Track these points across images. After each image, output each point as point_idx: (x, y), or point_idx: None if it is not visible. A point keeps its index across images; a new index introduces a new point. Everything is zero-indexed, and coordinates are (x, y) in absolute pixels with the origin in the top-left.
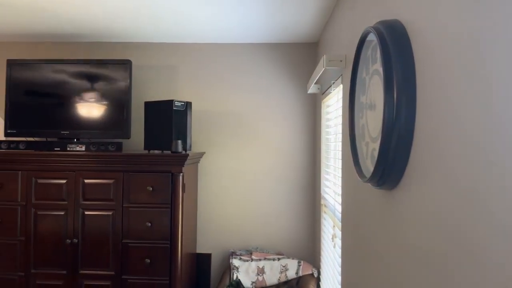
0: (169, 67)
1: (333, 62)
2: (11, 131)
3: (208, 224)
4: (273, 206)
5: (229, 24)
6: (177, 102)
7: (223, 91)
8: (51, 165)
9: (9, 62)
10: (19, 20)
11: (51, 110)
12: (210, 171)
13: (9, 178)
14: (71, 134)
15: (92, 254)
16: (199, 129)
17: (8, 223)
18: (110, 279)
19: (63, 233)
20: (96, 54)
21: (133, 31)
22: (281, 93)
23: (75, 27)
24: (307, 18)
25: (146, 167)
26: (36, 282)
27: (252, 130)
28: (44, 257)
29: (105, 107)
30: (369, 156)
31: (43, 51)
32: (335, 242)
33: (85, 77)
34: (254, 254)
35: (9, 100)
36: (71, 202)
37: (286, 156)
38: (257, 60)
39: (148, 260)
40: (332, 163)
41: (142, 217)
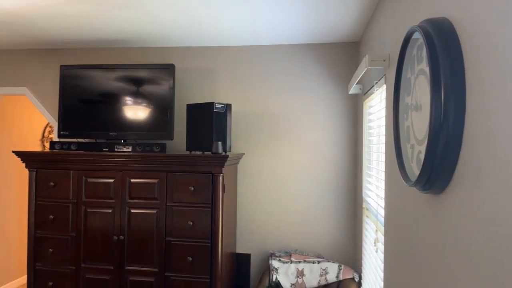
0: (210, 70)
1: (376, 62)
2: (64, 133)
3: (247, 225)
4: (313, 208)
5: (269, 26)
6: (218, 104)
7: (262, 93)
8: (100, 165)
9: (62, 68)
10: (71, 28)
11: (100, 113)
12: (249, 172)
13: (62, 177)
14: (119, 136)
15: (137, 251)
16: (239, 130)
17: (60, 219)
18: (154, 275)
19: (110, 230)
20: (141, 59)
21: (176, 36)
22: (321, 94)
23: (123, 34)
24: (348, 17)
25: (188, 168)
26: (86, 276)
27: (292, 131)
28: (93, 252)
29: (150, 110)
30: (415, 159)
31: (93, 57)
32: (377, 247)
33: (131, 81)
34: (293, 256)
35: (62, 104)
36: (118, 201)
37: (326, 157)
38: (296, 61)
39: (190, 258)
40: (374, 166)
41: (184, 216)
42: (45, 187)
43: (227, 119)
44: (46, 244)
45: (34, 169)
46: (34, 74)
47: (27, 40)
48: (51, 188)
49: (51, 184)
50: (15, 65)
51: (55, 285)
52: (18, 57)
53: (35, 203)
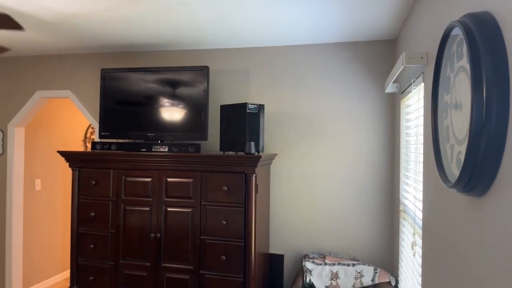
0: (243, 71)
1: (413, 60)
2: (104, 134)
3: (280, 225)
4: (347, 210)
5: (304, 26)
6: (250, 105)
7: (295, 93)
8: (138, 165)
9: (102, 71)
10: (111, 33)
11: (138, 114)
12: (282, 172)
13: (102, 176)
14: (156, 136)
15: (173, 248)
16: (272, 130)
17: (101, 216)
18: (189, 273)
19: (147, 227)
20: (177, 61)
21: (211, 39)
22: (356, 93)
23: (160, 37)
24: (385, 15)
25: (221, 168)
26: (124, 271)
27: (325, 131)
28: (131, 249)
29: (185, 111)
30: (455, 159)
31: (131, 61)
32: (415, 251)
33: (167, 83)
34: (327, 258)
35: (103, 106)
36: (155, 199)
37: (361, 158)
38: (330, 60)
39: (223, 257)
40: (412, 167)
41: (218, 215)
42: (87, 186)
43: (260, 119)
44: (87, 240)
45: (77, 168)
46: (77, 78)
47: (71, 45)
48: (92, 187)
49: (92, 183)
50: (60, 70)
51: (96, 279)
52: (63, 62)
53: (77, 201)
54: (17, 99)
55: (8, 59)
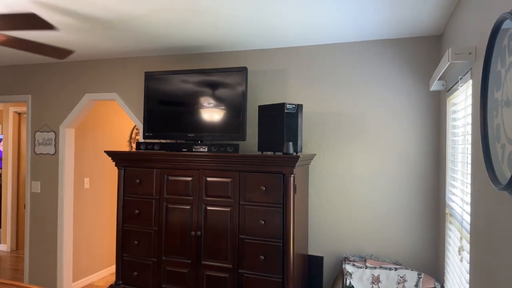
0: (281, 71)
1: (460, 55)
2: (148, 134)
3: (319, 227)
4: (389, 212)
5: (343, 24)
6: (288, 105)
7: (335, 92)
8: (180, 164)
9: (146, 74)
10: (154, 37)
11: (180, 115)
12: (321, 173)
13: (146, 175)
14: (196, 137)
15: (213, 246)
16: (310, 131)
17: (145, 214)
18: (228, 271)
19: (188, 225)
20: (217, 63)
21: (249, 40)
22: (398, 91)
23: (201, 40)
24: (429, 10)
25: (259, 168)
26: (166, 268)
27: (366, 131)
28: (173, 246)
29: (224, 112)
30: (506, 160)
31: (173, 63)
32: (462, 256)
33: (207, 85)
34: (368, 262)
35: (147, 107)
36: (196, 198)
37: (404, 158)
38: (371, 58)
39: (262, 257)
40: (459, 168)
41: (256, 215)
42: (131, 184)
43: (298, 119)
44: (132, 237)
45: (122, 168)
46: (122, 81)
47: (117, 49)
48: (137, 185)
49: (137, 181)
50: (106, 73)
51: (139, 275)
52: (109, 66)
53: (123, 199)
54: (67, 102)
55: (59, 64)
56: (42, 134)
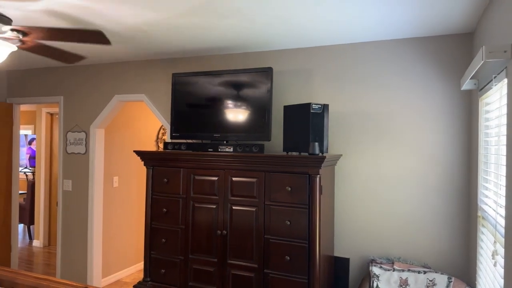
0: (307, 71)
1: (495, 54)
2: (175, 134)
3: (345, 228)
4: (418, 214)
5: (369, 22)
6: (314, 105)
7: (361, 92)
8: (206, 164)
9: (173, 76)
10: (181, 39)
11: (206, 116)
12: (347, 173)
13: (173, 174)
14: (222, 137)
15: (238, 246)
16: (336, 131)
17: (172, 213)
18: (254, 271)
19: (214, 224)
20: (242, 64)
21: (274, 40)
22: (428, 91)
23: (226, 41)
24: (461, 7)
25: (284, 168)
26: (193, 266)
27: (394, 131)
28: (199, 244)
29: (249, 112)
30: None
31: (200, 64)
32: (496, 260)
33: (232, 85)
34: (396, 264)
35: (174, 108)
36: (221, 197)
37: (433, 160)
38: (398, 57)
39: (287, 257)
40: (493, 170)
41: (281, 215)
42: (159, 183)
43: (324, 119)
44: (159, 235)
45: (150, 167)
46: (150, 82)
47: (144, 52)
48: (164, 184)
49: (164, 181)
50: (135, 75)
51: (167, 273)
52: (138, 67)
53: (151, 197)
54: (98, 103)
55: (89, 66)
56: (73, 134)
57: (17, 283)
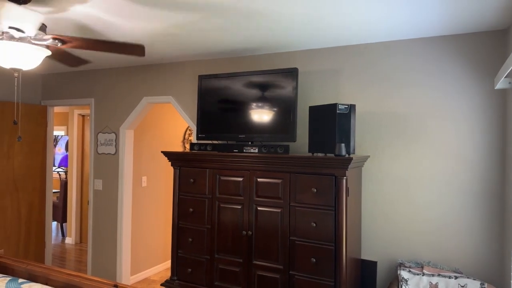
0: (333, 71)
1: None
2: (201, 135)
3: (373, 231)
4: (449, 217)
5: (399, 20)
6: (341, 106)
7: (389, 91)
8: (231, 165)
9: (200, 77)
10: (207, 41)
11: (231, 117)
12: (375, 175)
13: (199, 175)
14: (246, 138)
15: (263, 247)
16: (364, 132)
17: (198, 212)
18: (279, 272)
19: (239, 225)
20: (267, 65)
21: (299, 40)
22: (459, 90)
23: (251, 42)
24: (494, 2)
25: (310, 169)
26: (219, 266)
27: (424, 132)
28: (225, 244)
29: (274, 113)
30: None
31: (225, 66)
32: None
33: (257, 87)
34: (425, 268)
35: (200, 110)
36: (246, 198)
37: (465, 161)
38: (428, 56)
39: (313, 260)
40: None
41: (307, 217)
42: (186, 183)
43: (351, 120)
44: (186, 234)
45: (177, 167)
46: (177, 84)
47: (171, 55)
48: (191, 184)
49: (191, 181)
50: (163, 77)
51: (193, 272)
52: (165, 70)
53: (178, 197)
54: (127, 105)
55: (119, 69)
56: (104, 135)
57: (50, 279)
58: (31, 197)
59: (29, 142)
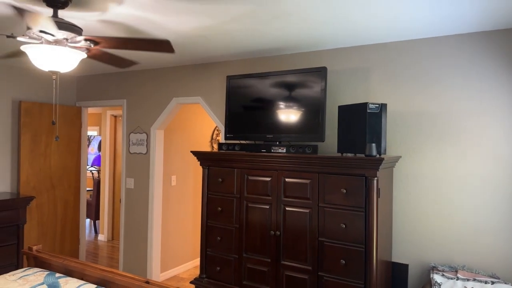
0: (363, 70)
1: None
2: (229, 135)
3: (404, 233)
4: (485, 220)
5: (432, 17)
6: (371, 105)
7: (422, 90)
8: (259, 164)
9: (228, 78)
10: (234, 42)
11: (258, 117)
12: (406, 176)
13: (227, 174)
14: (274, 138)
15: (292, 247)
16: (395, 131)
17: (227, 212)
18: (307, 273)
19: (267, 224)
20: (294, 64)
21: (328, 39)
22: (497, 88)
23: (279, 42)
24: None
25: (339, 170)
26: (247, 265)
27: (458, 132)
28: (253, 244)
29: (302, 113)
30: None
31: (253, 66)
32: None
33: (285, 86)
34: (460, 273)
35: (228, 110)
36: (274, 198)
37: (502, 162)
38: (463, 53)
39: (343, 261)
40: None
41: (336, 218)
42: (214, 183)
43: (382, 119)
44: (215, 233)
45: (206, 167)
46: (206, 85)
47: (201, 56)
48: (219, 184)
49: (219, 180)
50: (192, 78)
51: (222, 270)
52: (194, 71)
53: (207, 196)
54: (158, 106)
55: (149, 71)
56: (135, 135)
57: (86, 274)
58: (66, 195)
59: (64, 142)
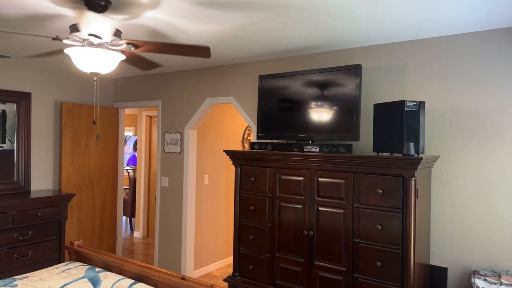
0: (399, 67)
1: None
2: (261, 135)
3: (443, 235)
4: None
5: (471, 10)
6: (409, 103)
7: (463, 87)
8: (291, 164)
9: (260, 78)
10: (266, 41)
11: (290, 116)
12: (445, 177)
13: (260, 174)
14: (307, 137)
15: (325, 247)
16: (434, 130)
17: (259, 210)
18: (342, 274)
19: (300, 224)
20: (327, 62)
21: (362, 36)
22: None
23: (312, 41)
24: None
25: (375, 170)
26: (280, 265)
27: (502, 131)
28: (286, 244)
29: (336, 111)
30: None
31: (285, 65)
32: None
33: (318, 85)
34: (503, 278)
35: (260, 109)
36: (307, 197)
37: None
38: (505, 47)
39: (378, 263)
40: None
41: (372, 219)
42: (247, 182)
43: (419, 118)
44: (247, 231)
45: (239, 166)
46: (238, 85)
47: (233, 56)
48: (251, 183)
49: (251, 179)
50: (224, 78)
51: (254, 269)
52: (226, 71)
53: (239, 195)
54: (191, 106)
55: (183, 72)
56: (170, 135)
57: (124, 269)
58: (104, 193)
59: (103, 142)
